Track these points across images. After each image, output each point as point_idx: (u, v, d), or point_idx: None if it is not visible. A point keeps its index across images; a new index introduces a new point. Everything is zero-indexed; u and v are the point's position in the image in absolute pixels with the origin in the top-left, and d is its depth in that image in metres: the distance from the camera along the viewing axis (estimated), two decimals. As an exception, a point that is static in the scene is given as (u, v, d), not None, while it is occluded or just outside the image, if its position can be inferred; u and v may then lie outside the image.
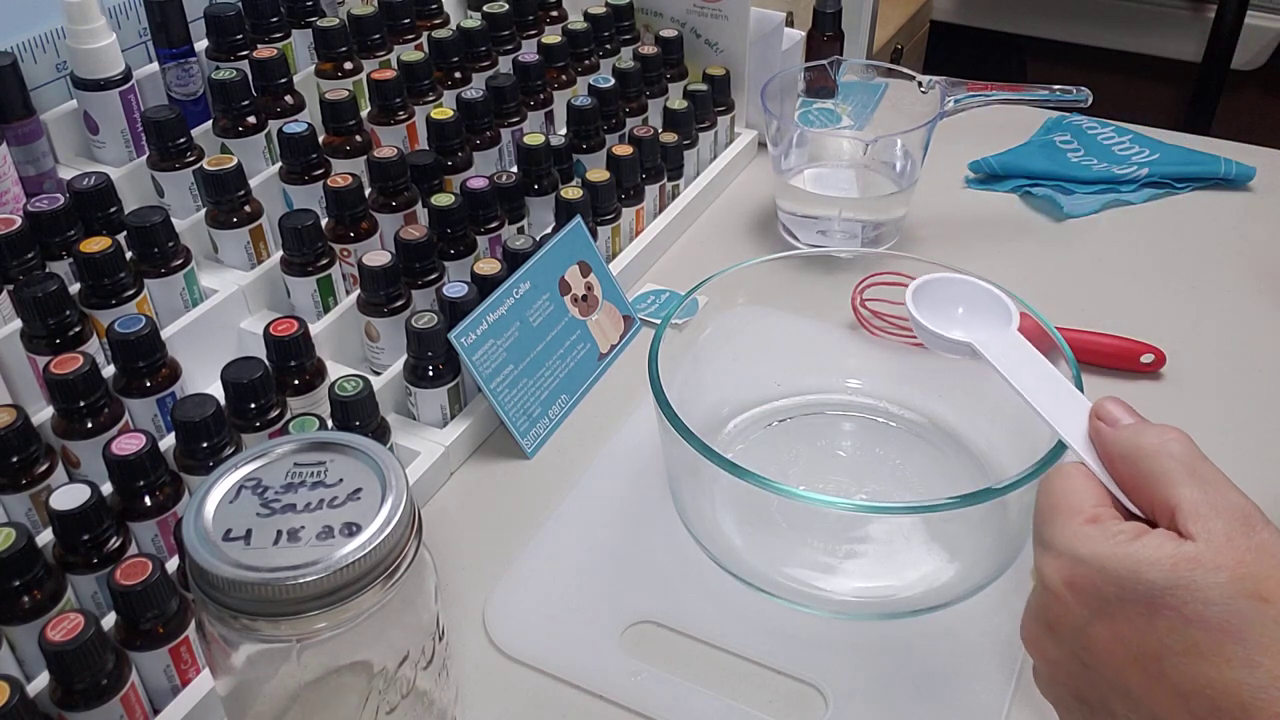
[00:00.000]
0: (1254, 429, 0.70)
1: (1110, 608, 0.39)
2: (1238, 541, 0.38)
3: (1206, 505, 0.39)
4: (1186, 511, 0.39)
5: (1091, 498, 0.42)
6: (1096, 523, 0.41)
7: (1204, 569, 0.37)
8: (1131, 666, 0.39)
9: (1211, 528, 0.38)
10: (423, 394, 0.67)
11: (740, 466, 0.53)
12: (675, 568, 0.61)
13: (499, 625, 0.58)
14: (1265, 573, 0.37)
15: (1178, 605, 0.37)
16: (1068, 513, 0.42)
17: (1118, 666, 0.39)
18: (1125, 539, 0.39)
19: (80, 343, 0.62)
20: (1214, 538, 0.38)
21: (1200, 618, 0.37)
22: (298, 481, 0.43)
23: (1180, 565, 0.38)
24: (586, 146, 0.86)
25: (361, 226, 0.73)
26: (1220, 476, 0.40)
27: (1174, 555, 0.38)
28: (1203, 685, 0.37)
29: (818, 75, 0.91)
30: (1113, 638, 0.39)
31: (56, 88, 0.79)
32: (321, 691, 0.44)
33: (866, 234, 0.86)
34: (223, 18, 0.81)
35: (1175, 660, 0.37)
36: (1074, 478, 0.43)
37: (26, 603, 0.51)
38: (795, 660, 0.56)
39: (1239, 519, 0.39)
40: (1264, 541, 0.38)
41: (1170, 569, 0.38)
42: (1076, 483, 0.43)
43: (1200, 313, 0.80)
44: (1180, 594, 0.37)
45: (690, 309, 0.65)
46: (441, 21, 0.92)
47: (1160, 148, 0.97)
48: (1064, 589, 0.41)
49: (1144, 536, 0.39)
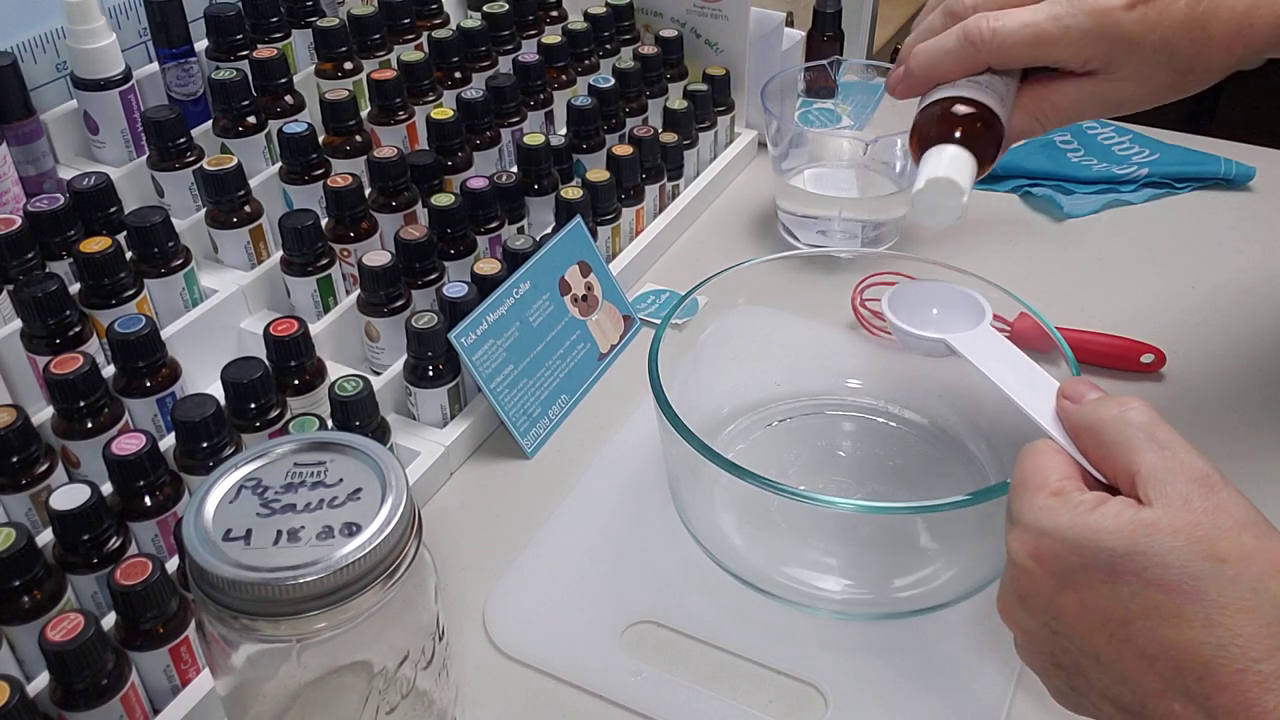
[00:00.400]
0: (1254, 429, 0.70)
1: (1075, 576, 0.40)
2: (1194, 504, 0.39)
3: (1164, 470, 0.40)
4: (1145, 477, 0.40)
5: (1058, 471, 0.43)
6: (1060, 495, 0.42)
7: (1161, 533, 0.38)
8: (1099, 632, 0.40)
9: (1169, 492, 0.39)
10: (423, 394, 0.67)
11: (740, 466, 0.53)
12: (675, 568, 0.61)
13: (499, 625, 0.58)
14: (1220, 533, 0.38)
15: (1137, 570, 0.38)
16: (1034, 488, 0.43)
17: (1085, 633, 0.40)
18: (1086, 509, 0.40)
19: (80, 343, 0.62)
20: (1171, 502, 0.39)
21: (1160, 581, 0.38)
22: (298, 481, 0.43)
23: (1138, 531, 0.39)
24: (586, 146, 0.86)
25: (361, 226, 0.73)
26: (1179, 440, 0.41)
27: (1132, 522, 0.39)
28: (1166, 646, 0.38)
29: (818, 75, 0.91)
30: (1079, 606, 0.40)
31: (56, 88, 0.79)
32: (321, 691, 0.44)
33: (866, 234, 0.86)
34: (223, 18, 0.81)
35: (1139, 624, 0.38)
36: (1042, 454, 0.44)
37: (26, 603, 0.51)
38: (795, 660, 0.56)
39: (1197, 481, 0.40)
40: (1220, 502, 0.39)
41: (1129, 535, 0.39)
42: (1044, 458, 0.44)
43: (1200, 313, 0.80)
44: (1139, 559, 0.38)
45: (690, 309, 0.65)
46: (441, 21, 0.92)
47: (1160, 148, 0.97)
48: (1031, 561, 0.42)
49: (1104, 505, 0.40)
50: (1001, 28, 0.52)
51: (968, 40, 0.53)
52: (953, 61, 0.54)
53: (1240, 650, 0.36)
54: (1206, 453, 0.41)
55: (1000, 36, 0.52)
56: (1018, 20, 0.52)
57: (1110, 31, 0.51)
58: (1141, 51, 0.51)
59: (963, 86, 0.54)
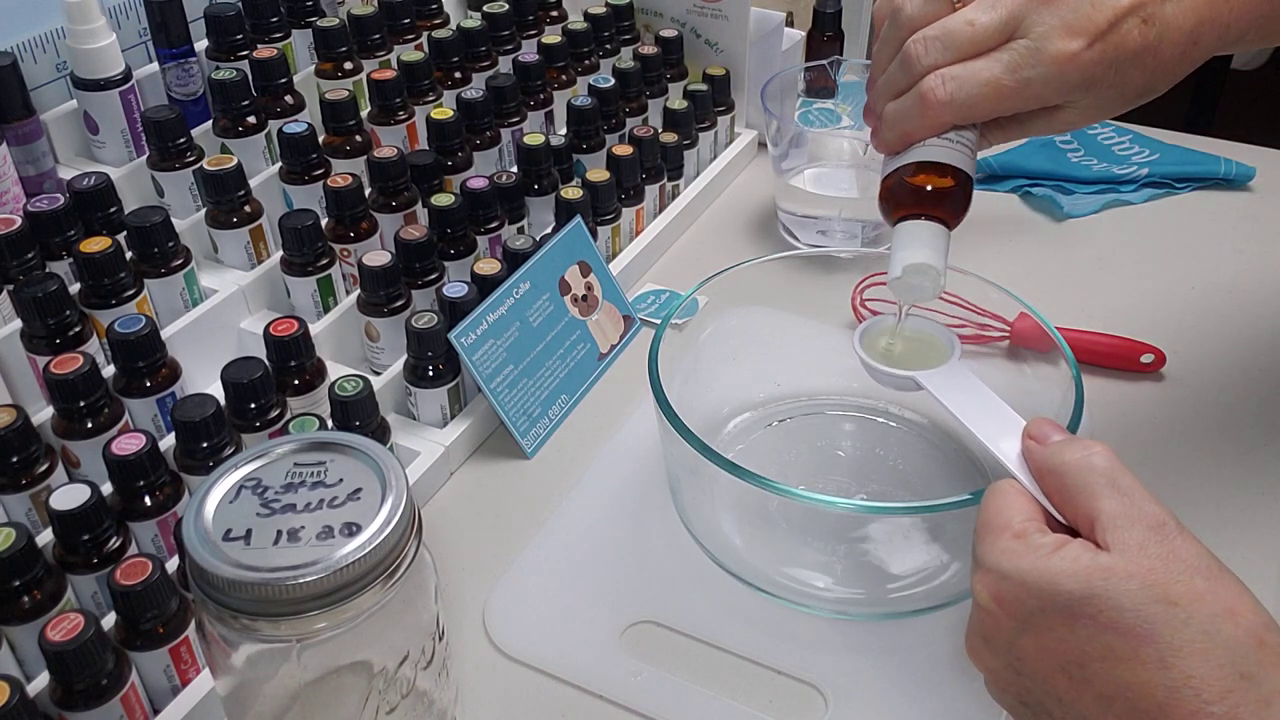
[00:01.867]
0: (1254, 429, 0.70)
1: (1034, 619, 0.41)
2: (1150, 549, 0.40)
3: (1123, 516, 0.41)
4: (1104, 523, 0.41)
5: (1020, 513, 0.44)
6: (1021, 537, 0.43)
7: (1117, 577, 0.39)
8: (1058, 674, 0.41)
9: (1125, 538, 0.40)
10: (423, 394, 0.67)
11: (740, 466, 0.53)
12: (675, 568, 0.61)
13: (499, 625, 0.58)
14: (1173, 578, 0.39)
15: (1093, 614, 0.39)
16: (996, 529, 0.43)
17: (1046, 674, 0.41)
18: (1045, 552, 0.41)
19: (80, 343, 0.62)
20: (1127, 547, 0.40)
21: (1115, 624, 0.39)
22: (298, 481, 0.43)
23: (1095, 575, 0.40)
24: (586, 146, 0.86)
25: (361, 226, 0.73)
26: (1139, 488, 0.42)
27: (1089, 566, 0.40)
28: (1122, 688, 0.39)
29: (818, 75, 0.91)
30: (1039, 648, 0.41)
31: (56, 88, 0.79)
32: (321, 691, 0.44)
33: (866, 234, 0.86)
34: (223, 18, 0.81)
35: (1096, 666, 0.39)
36: (1006, 495, 0.45)
37: (26, 603, 0.51)
38: (795, 660, 0.56)
39: (1153, 528, 0.40)
40: (1175, 548, 0.40)
41: (1085, 579, 0.40)
42: (1008, 500, 0.45)
43: (1200, 313, 0.80)
44: (1095, 602, 0.39)
45: (690, 309, 0.65)
46: (441, 21, 0.92)
47: (1160, 148, 0.97)
48: (993, 604, 0.43)
49: (1063, 549, 0.41)
50: (958, 90, 0.51)
51: (927, 107, 0.52)
52: (916, 125, 0.53)
53: (1193, 692, 0.37)
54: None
55: (959, 100, 0.51)
56: (976, 80, 0.51)
57: (1072, 78, 0.51)
58: (1099, 86, 0.51)
59: (932, 148, 0.54)
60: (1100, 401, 0.71)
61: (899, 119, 0.54)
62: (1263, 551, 0.61)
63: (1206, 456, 0.67)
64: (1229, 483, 0.65)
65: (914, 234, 0.53)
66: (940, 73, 0.52)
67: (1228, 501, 0.64)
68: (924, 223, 0.53)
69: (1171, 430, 0.69)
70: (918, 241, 0.53)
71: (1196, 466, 0.67)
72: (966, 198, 0.54)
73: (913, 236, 0.53)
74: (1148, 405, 0.72)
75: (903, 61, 0.54)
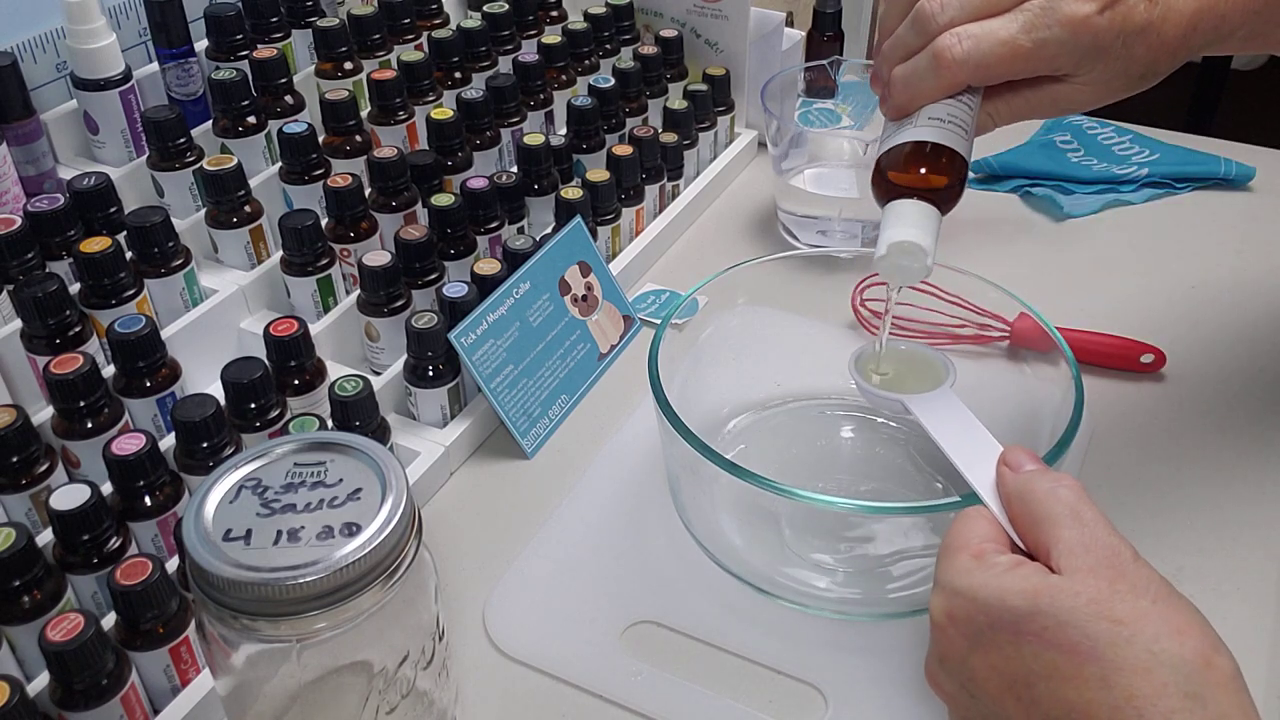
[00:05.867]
0: (1254, 429, 0.70)
1: (984, 637, 0.41)
2: (1100, 573, 0.40)
3: (1079, 544, 0.41)
4: (1060, 550, 0.41)
5: (980, 535, 0.44)
6: (979, 557, 0.43)
7: (1063, 595, 0.40)
8: (1007, 694, 0.41)
9: (1078, 563, 0.41)
10: (423, 394, 0.67)
11: (740, 466, 0.53)
12: (675, 568, 0.61)
13: (499, 625, 0.58)
14: (1119, 597, 0.39)
15: (1038, 631, 0.39)
16: (955, 550, 0.44)
17: (995, 695, 0.41)
18: (999, 570, 0.42)
19: (80, 343, 0.62)
20: (1079, 571, 0.40)
21: (1059, 642, 0.39)
22: (298, 481, 0.43)
23: (1042, 593, 0.40)
24: (586, 146, 0.86)
25: (361, 226, 0.73)
26: (1101, 520, 0.43)
27: (1038, 585, 0.40)
28: (1067, 708, 0.39)
29: (818, 75, 0.91)
30: (988, 667, 0.41)
31: (56, 88, 0.79)
32: (321, 691, 0.44)
33: (866, 234, 0.86)
34: (223, 18, 0.81)
35: (1042, 685, 0.39)
36: (971, 519, 0.45)
37: (26, 603, 0.51)
38: (795, 660, 0.56)
39: (1107, 556, 0.41)
40: (1124, 572, 0.40)
41: (1032, 596, 0.40)
42: (972, 523, 0.45)
43: (1200, 313, 0.80)
44: (1040, 619, 0.39)
45: (690, 309, 0.65)
46: (441, 21, 0.92)
47: (1160, 148, 0.97)
48: (946, 621, 0.43)
49: (1017, 569, 0.42)
50: (975, 49, 0.51)
51: (941, 65, 0.52)
52: (929, 85, 0.53)
53: (1136, 711, 0.37)
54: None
55: (975, 58, 0.51)
56: (993, 39, 0.51)
57: (1084, 41, 0.51)
58: (1107, 57, 0.51)
59: (927, 128, 0.53)
60: (1100, 401, 0.71)
61: (911, 79, 0.53)
62: (1262, 551, 0.61)
63: (1206, 456, 0.67)
64: (1229, 482, 0.65)
65: (901, 213, 0.52)
66: (956, 31, 0.51)
67: (1227, 501, 0.64)
68: (913, 202, 0.52)
69: (1171, 430, 0.69)
70: (905, 220, 0.52)
71: (1196, 466, 0.67)
72: (960, 179, 0.53)
73: (900, 216, 0.52)
74: (1148, 405, 0.72)
75: (916, 20, 0.53)
